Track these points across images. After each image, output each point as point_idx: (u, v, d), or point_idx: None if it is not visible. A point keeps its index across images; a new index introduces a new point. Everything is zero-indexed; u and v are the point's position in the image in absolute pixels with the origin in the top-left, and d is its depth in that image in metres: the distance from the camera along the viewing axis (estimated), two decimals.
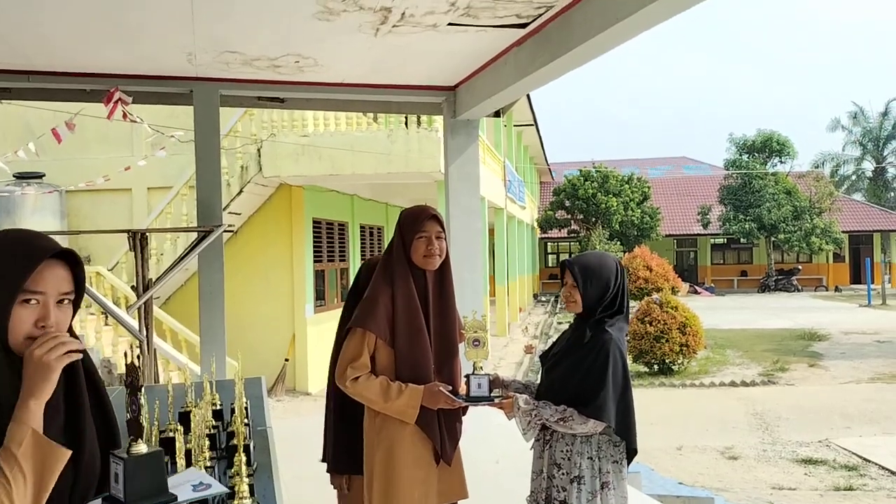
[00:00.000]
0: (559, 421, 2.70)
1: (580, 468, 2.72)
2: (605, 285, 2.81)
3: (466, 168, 6.34)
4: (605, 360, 2.70)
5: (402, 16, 4.33)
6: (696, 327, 14.30)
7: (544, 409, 2.73)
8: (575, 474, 2.72)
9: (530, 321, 24.65)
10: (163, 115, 9.79)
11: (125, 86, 5.56)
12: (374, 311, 2.78)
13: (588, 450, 2.73)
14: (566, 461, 2.74)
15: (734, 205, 35.53)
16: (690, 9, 3.64)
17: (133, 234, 5.01)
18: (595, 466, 2.73)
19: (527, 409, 2.75)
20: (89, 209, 13.61)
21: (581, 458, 2.73)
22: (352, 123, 12.36)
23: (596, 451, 2.74)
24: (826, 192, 35.52)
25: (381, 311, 2.78)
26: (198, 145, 5.88)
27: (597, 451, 2.74)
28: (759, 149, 36.27)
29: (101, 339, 10.99)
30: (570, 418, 2.69)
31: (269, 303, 12.94)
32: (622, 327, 2.84)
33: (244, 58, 5.20)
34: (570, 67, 4.70)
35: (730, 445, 9.24)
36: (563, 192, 33.58)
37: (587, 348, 2.75)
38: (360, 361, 2.77)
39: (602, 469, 2.73)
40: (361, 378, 2.75)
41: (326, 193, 13.92)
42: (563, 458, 2.75)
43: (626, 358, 2.81)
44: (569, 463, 2.74)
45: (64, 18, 4.40)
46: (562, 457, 2.76)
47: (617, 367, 2.72)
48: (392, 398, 2.71)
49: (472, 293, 6.24)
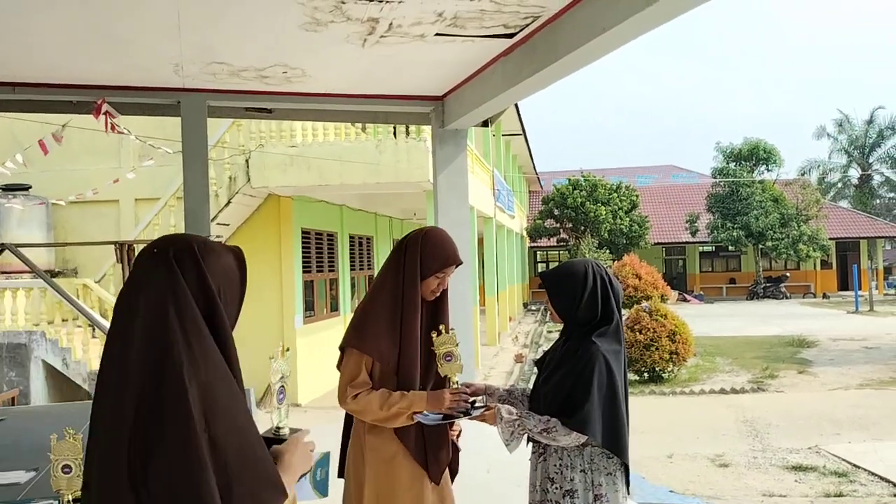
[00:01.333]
0: (543, 432, 2.66)
1: (573, 482, 2.68)
2: (572, 293, 2.77)
3: (455, 178, 6.34)
4: (591, 372, 2.66)
5: (390, 26, 4.34)
6: (686, 335, 14.34)
7: (528, 419, 2.69)
8: (567, 488, 2.68)
9: (520, 330, 24.66)
10: (150, 126, 9.77)
11: (112, 97, 5.54)
12: (375, 331, 2.75)
13: (580, 462, 2.70)
14: (559, 475, 2.71)
15: (722, 213, 35.74)
16: (676, 19, 3.66)
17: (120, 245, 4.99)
18: (588, 479, 2.69)
19: (509, 420, 2.69)
20: (76, 221, 13.55)
21: (573, 471, 2.69)
22: (340, 134, 12.37)
23: (588, 463, 2.70)
24: (813, 200, 35.79)
25: (383, 334, 2.74)
26: (185, 156, 5.86)
27: (589, 463, 2.70)
28: (746, 157, 36.53)
29: (88, 351, 10.91)
30: (553, 429, 2.64)
31: (258, 314, 12.87)
32: (611, 337, 2.77)
33: (232, 68, 5.19)
34: (558, 77, 4.72)
35: (720, 453, 9.25)
36: (552, 202, 33.70)
37: (574, 360, 2.72)
38: (359, 380, 2.74)
39: (595, 482, 2.69)
40: (361, 394, 2.72)
41: (315, 204, 13.90)
42: (556, 472, 2.72)
43: (616, 369, 2.74)
44: (561, 477, 2.70)
45: (49, 29, 4.38)
46: (555, 471, 2.72)
47: (602, 379, 2.67)
48: (395, 402, 2.67)
49: (461, 303, 6.22)
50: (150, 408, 1.42)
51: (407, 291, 2.78)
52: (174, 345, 1.45)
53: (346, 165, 11.80)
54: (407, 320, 2.75)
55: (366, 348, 2.74)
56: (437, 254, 2.82)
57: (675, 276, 40.54)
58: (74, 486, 1.83)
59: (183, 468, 1.39)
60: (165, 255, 1.56)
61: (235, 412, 1.51)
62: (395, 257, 2.87)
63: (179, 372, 1.43)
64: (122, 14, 4.16)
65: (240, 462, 1.46)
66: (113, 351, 1.50)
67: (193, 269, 1.55)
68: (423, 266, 2.79)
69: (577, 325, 2.79)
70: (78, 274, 13.33)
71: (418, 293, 2.79)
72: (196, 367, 1.46)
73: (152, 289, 1.52)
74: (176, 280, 1.53)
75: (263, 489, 1.49)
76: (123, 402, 1.44)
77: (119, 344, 1.49)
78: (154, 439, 1.41)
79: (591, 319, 2.77)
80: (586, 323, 2.78)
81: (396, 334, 2.75)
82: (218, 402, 1.47)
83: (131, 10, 4.09)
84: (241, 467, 1.46)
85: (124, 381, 1.45)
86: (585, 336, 2.75)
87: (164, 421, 1.41)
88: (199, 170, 5.89)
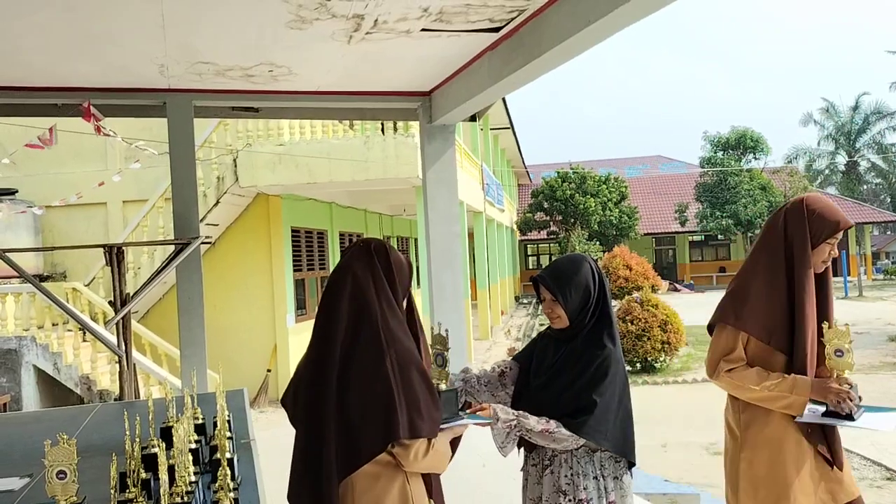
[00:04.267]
0: (543, 432, 2.53)
1: (587, 490, 2.58)
2: (587, 289, 2.64)
3: (444, 173, 6.34)
4: (604, 375, 2.56)
5: (375, 22, 4.33)
6: (677, 325, 14.40)
7: (525, 419, 2.55)
8: (581, 497, 2.57)
9: (513, 324, 24.69)
10: (136, 127, 9.72)
11: (97, 99, 5.50)
12: (757, 309, 2.68)
13: (592, 469, 2.60)
14: (571, 486, 2.59)
15: (710, 202, 35.85)
16: (660, 10, 3.67)
17: (109, 248, 4.95)
18: (601, 486, 2.60)
19: (506, 421, 2.54)
20: (64, 224, 13.46)
21: (586, 479, 2.59)
22: (328, 131, 12.34)
23: (599, 469, 2.61)
24: (800, 187, 35.91)
25: (768, 313, 2.68)
26: (173, 157, 5.83)
27: (600, 469, 2.62)
28: (734, 146, 36.63)
29: (79, 355, 10.86)
30: (555, 430, 2.52)
31: (249, 314, 12.86)
32: (615, 336, 2.66)
33: (217, 68, 5.17)
34: (544, 70, 4.72)
35: (714, 441, 9.29)
36: (542, 194, 33.70)
37: (583, 363, 2.59)
38: (734, 355, 2.71)
39: (607, 488, 2.61)
40: (738, 369, 2.68)
41: (304, 202, 13.87)
42: (568, 482, 2.60)
43: (624, 370, 2.65)
44: (573, 487, 2.59)
45: (32, 32, 4.35)
46: (566, 482, 2.60)
47: (616, 383, 2.58)
48: (774, 382, 2.59)
49: (452, 297, 6.24)
50: (353, 346, 2.19)
51: (798, 268, 2.66)
52: (372, 304, 2.21)
53: (335, 163, 11.77)
54: (801, 301, 2.64)
55: (746, 326, 2.67)
56: (827, 217, 2.69)
57: (665, 266, 40.67)
58: (69, 492, 1.82)
59: (377, 393, 2.13)
60: (367, 247, 2.32)
61: (413, 361, 2.21)
62: (772, 232, 2.75)
63: (377, 327, 2.19)
64: (105, 15, 4.13)
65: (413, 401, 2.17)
66: (329, 314, 2.24)
67: (385, 258, 2.30)
68: (813, 234, 2.66)
69: (584, 324, 2.65)
70: (67, 277, 13.25)
71: (810, 267, 2.66)
72: (388, 326, 2.20)
73: (358, 267, 2.27)
74: (374, 263, 2.29)
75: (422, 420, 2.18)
76: (333, 349, 2.20)
77: (332, 307, 2.24)
78: (356, 372, 2.16)
79: (596, 318, 2.66)
80: (592, 318, 2.65)
81: (784, 315, 2.66)
82: (399, 343, 2.21)
83: (115, 11, 4.06)
84: (413, 406, 2.17)
85: (335, 334, 2.20)
86: (591, 336, 2.63)
87: (366, 360, 2.17)
88: (187, 170, 5.87)
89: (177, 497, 2.06)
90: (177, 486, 2.10)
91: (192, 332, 5.74)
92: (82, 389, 10.78)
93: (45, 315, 11.35)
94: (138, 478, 2.07)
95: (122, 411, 2.65)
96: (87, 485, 2.09)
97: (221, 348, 10.63)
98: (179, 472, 2.18)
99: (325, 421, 2.19)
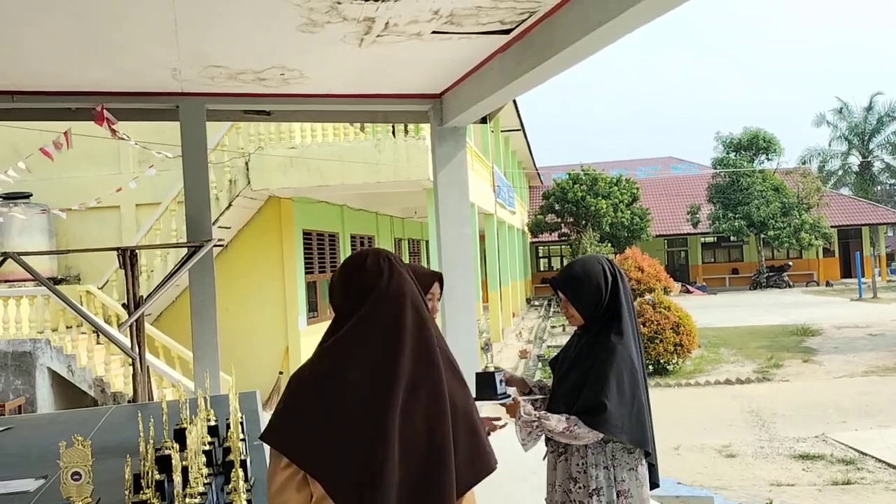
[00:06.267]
0: (564, 431, 2.66)
1: (597, 479, 2.69)
2: (598, 290, 2.78)
3: (455, 175, 6.35)
4: (610, 368, 2.67)
5: (386, 25, 4.34)
6: (690, 326, 14.33)
7: (547, 420, 2.69)
8: (593, 486, 2.69)
9: (524, 326, 24.65)
10: (149, 130, 9.78)
11: (111, 103, 5.54)
12: None
13: (603, 460, 2.71)
14: (582, 474, 2.72)
15: (723, 203, 35.68)
16: (671, 11, 3.66)
17: (122, 251, 4.98)
18: (611, 476, 2.71)
19: (528, 420, 2.70)
20: (78, 227, 13.54)
21: (597, 469, 2.70)
22: (339, 134, 12.37)
23: (611, 459, 2.72)
24: (813, 188, 35.71)
25: None
26: (185, 161, 5.87)
27: (611, 459, 2.72)
28: (746, 146, 36.45)
29: (93, 357, 10.93)
30: (574, 427, 2.65)
31: (261, 316, 12.89)
32: (627, 330, 2.76)
33: (229, 72, 5.20)
34: (555, 72, 4.72)
35: (727, 443, 9.25)
36: (553, 196, 33.63)
37: (590, 357, 2.73)
38: None
39: (618, 478, 2.71)
40: None
41: (316, 205, 13.90)
42: (580, 471, 2.73)
43: (637, 362, 2.75)
44: (585, 476, 2.71)
45: (47, 38, 4.39)
46: (578, 470, 2.73)
47: (622, 374, 2.67)
48: None
49: (464, 300, 6.24)
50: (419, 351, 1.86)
51: None
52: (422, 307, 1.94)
53: (346, 165, 11.79)
54: None
55: None
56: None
57: (677, 267, 40.47)
58: (84, 493, 1.84)
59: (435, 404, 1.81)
60: (388, 258, 2.01)
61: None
62: None
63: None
64: (118, 21, 4.17)
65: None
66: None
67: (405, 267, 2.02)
68: None
69: (595, 322, 2.79)
70: (81, 280, 13.33)
71: None
72: None
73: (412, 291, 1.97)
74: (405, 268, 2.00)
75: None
76: None
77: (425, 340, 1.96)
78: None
79: (609, 315, 2.78)
80: (603, 319, 2.78)
81: None
82: None
83: (127, 16, 4.09)
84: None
85: None
86: (600, 333, 2.76)
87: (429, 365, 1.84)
88: (200, 173, 5.90)
89: (190, 498, 2.07)
90: (190, 487, 2.12)
91: (205, 334, 5.77)
92: (96, 391, 10.84)
93: (59, 318, 11.43)
94: (152, 479, 2.08)
95: (136, 413, 2.67)
96: (101, 486, 2.11)
97: (234, 350, 10.66)
98: (193, 474, 2.20)
99: None
